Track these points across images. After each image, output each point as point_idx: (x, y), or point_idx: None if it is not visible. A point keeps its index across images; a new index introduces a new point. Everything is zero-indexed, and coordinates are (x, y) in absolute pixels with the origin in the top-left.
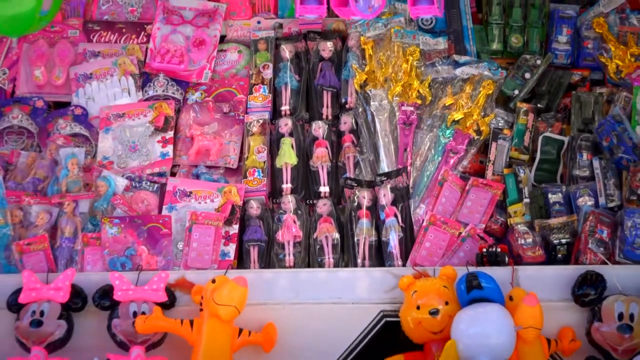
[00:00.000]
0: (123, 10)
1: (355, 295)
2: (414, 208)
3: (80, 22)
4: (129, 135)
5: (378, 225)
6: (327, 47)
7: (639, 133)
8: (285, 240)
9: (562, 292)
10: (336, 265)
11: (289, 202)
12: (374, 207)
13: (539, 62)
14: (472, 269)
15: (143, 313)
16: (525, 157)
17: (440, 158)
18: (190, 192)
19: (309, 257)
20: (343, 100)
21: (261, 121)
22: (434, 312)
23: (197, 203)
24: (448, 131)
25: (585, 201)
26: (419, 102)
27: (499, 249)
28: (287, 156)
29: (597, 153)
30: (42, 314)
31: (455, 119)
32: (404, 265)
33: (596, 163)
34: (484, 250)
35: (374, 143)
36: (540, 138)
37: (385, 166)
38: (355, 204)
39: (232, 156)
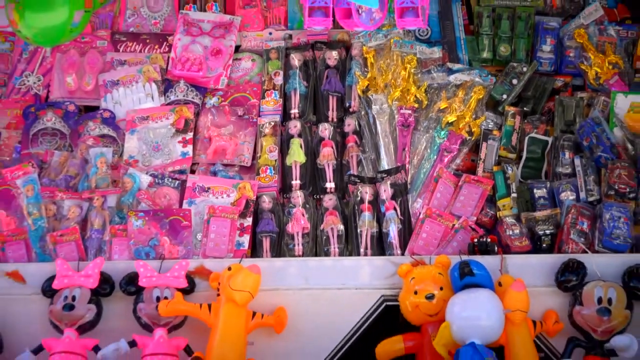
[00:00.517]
0: (147, 23)
1: (358, 281)
2: (411, 202)
3: (108, 33)
4: (153, 136)
5: (379, 218)
6: (333, 56)
7: (617, 134)
8: (294, 232)
9: (547, 279)
10: (341, 254)
11: (298, 196)
12: (375, 202)
13: (525, 69)
14: (464, 257)
15: (165, 298)
16: (513, 155)
17: (435, 157)
18: (208, 188)
19: (316, 247)
20: (347, 104)
21: (273, 123)
22: (430, 297)
23: (214, 198)
24: (442, 132)
25: (567, 196)
26: (416, 105)
27: (489, 240)
28: (296, 155)
29: (578, 152)
30: (73, 298)
31: (449, 121)
32: (402, 254)
33: (577, 161)
34: (475, 240)
35: (375, 143)
36: (526, 138)
37: (385, 164)
38: (358, 198)
39: (246, 155)
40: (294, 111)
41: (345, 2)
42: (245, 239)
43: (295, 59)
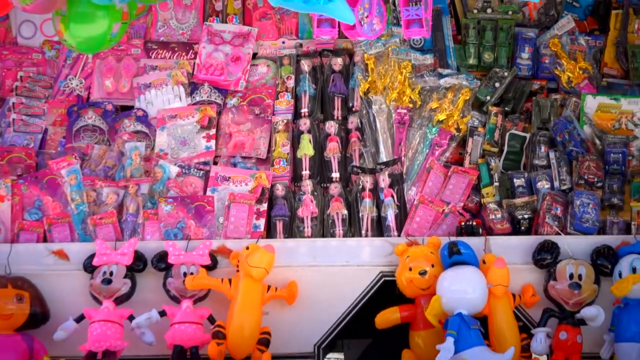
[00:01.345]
0: (175, 33)
1: (360, 259)
2: (406, 190)
3: (141, 42)
4: (180, 132)
5: (378, 204)
6: (338, 62)
7: (586, 131)
8: (304, 216)
9: (525, 257)
10: (345, 236)
11: (307, 185)
12: (375, 190)
13: (506, 74)
14: (453, 238)
15: (191, 273)
16: (495, 149)
17: (427, 150)
18: (229, 177)
19: (323, 229)
20: (350, 105)
21: (285, 121)
22: (423, 273)
23: (234, 186)
24: (434, 129)
25: (543, 185)
26: (411, 105)
27: (474, 223)
28: (306, 149)
29: (552, 146)
30: (111, 274)
31: (440, 119)
32: (399, 235)
33: (552, 154)
34: (463, 223)
35: (375, 138)
36: (507, 134)
37: (384, 157)
38: (360, 186)
39: (262, 149)
40: (304, 110)
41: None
42: (261, 222)
43: (305, 65)
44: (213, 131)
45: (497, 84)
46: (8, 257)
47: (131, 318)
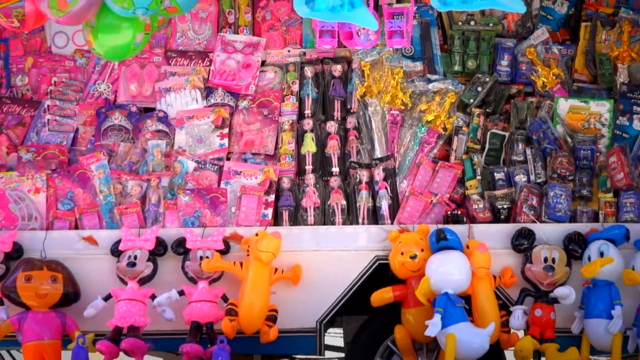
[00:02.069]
0: (192, 43)
1: (357, 244)
2: (399, 183)
3: (162, 51)
4: (197, 131)
5: (373, 195)
6: (337, 69)
7: (559, 130)
8: (307, 206)
9: (504, 243)
10: (344, 224)
11: (310, 178)
12: (371, 182)
13: (487, 79)
14: (440, 226)
15: (207, 257)
16: (478, 147)
17: (417, 147)
18: (240, 172)
19: (325, 217)
20: (349, 106)
21: (290, 121)
22: (414, 257)
23: (245, 179)
24: (423, 128)
25: (520, 178)
26: (403, 107)
27: (459, 212)
28: (309, 146)
29: (529, 144)
30: (135, 257)
31: (428, 120)
32: (392, 223)
33: (528, 151)
34: (449, 212)
35: (371, 137)
36: (488, 133)
37: (378, 153)
38: (357, 180)
39: (270, 146)
40: (307, 112)
41: (347, 26)
42: (269, 212)
43: (308, 71)
44: (226, 130)
45: (479, 88)
46: (43, 243)
47: (153, 297)
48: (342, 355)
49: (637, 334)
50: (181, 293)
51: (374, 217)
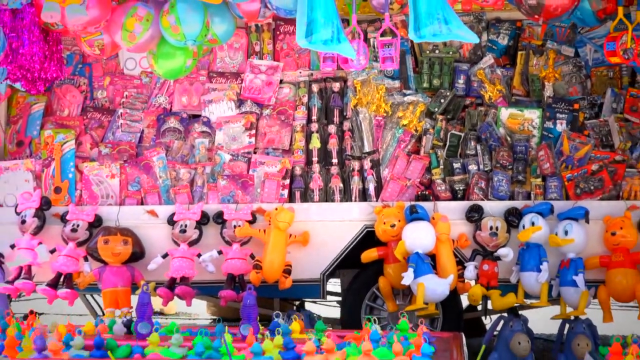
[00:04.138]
0: (228, 66)
1: (351, 216)
2: (382, 171)
3: (206, 72)
4: (232, 132)
5: (363, 180)
6: (336, 85)
7: (501, 131)
8: (314, 188)
9: (460, 215)
10: (341, 201)
11: (316, 167)
12: (361, 170)
13: (448, 93)
14: (413, 203)
15: (239, 226)
16: (441, 144)
17: (395, 144)
18: (264, 162)
19: (327, 197)
20: (345, 114)
21: (301, 124)
22: (393, 225)
23: (267, 168)
24: (400, 130)
25: (472, 167)
26: (385, 114)
27: (427, 192)
28: (315, 143)
29: (479, 142)
30: (185, 226)
31: (404, 124)
32: (377, 201)
33: (478, 147)
34: (419, 193)
35: (361, 136)
36: (449, 134)
37: (367, 148)
38: (351, 168)
39: (286, 143)
40: (314, 117)
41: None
42: (285, 192)
43: (315, 87)
44: (253, 131)
45: (442, 100)
46: (117, 215)
47: (199, 255)
48: (339, 298)
49: (559, 283)
50: (220, 252)
51: (364, 196)
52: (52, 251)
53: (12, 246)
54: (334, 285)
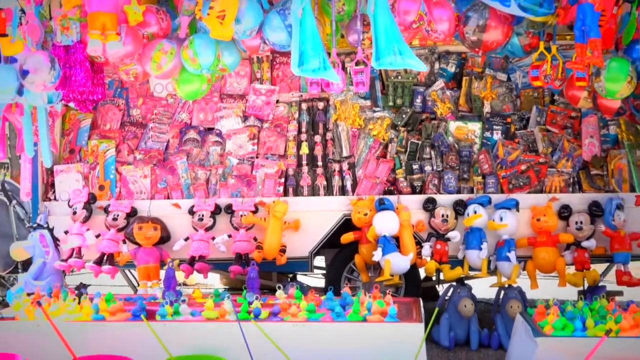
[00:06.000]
0: (236, 89)
1: (333, 207)
2: (357, 171)
3: (218, 94)
4: (239, 141)
5: (342, 179)
6: (321, 104)
7: (450, 140)
8: (303, 185)
9: (419, 205)
10: (325, 196)
11: (305, 169)
12: (341, 171)
13: (408, 110)
14: (381, 196)
15: (244, 215)
16: (403, 150)
17: (367, 150)
18: (264, 165)
19: (313, 191)
20: (328, 126)
21: (293, 135)
22: (366, 214)
23: (267, 169)
24: (371, 139)
25: (428, 168)
26: (359, 127)
27: (392, 188)
28: (304, 149)
29: (433, 148)
30: (203, 215)
31: (374, 134)
32: (353, 195)
33: (433, 152)
34: (386, 188)
35: (340, 144)
36: (409, 142)
37: (345, 153)
38: (332, 169)
39: (281, 150)
40: (304, 130)
41: (326, 80)
42: (281, 188)
43: (304, 106)
44: (255, 140)
45: (404, 115)
46: (149, 207)
47: (213, 238)
48: (324, 272)
49: (496, 259)
50: (229, 236)
51: (343, 191)
52: (97, 236)
53: (66, 232)
54: (320, 261)
